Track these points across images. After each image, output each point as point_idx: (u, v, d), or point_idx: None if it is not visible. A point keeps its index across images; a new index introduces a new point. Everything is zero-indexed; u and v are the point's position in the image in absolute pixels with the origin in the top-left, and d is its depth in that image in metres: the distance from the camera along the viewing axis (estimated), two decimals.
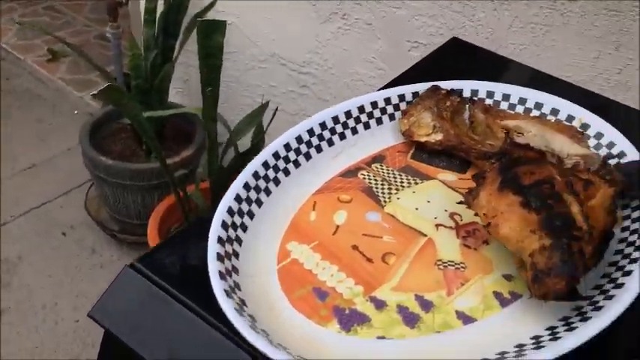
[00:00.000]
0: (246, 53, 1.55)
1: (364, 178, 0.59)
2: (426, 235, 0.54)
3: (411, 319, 0.47)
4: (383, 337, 0.46)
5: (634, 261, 0.50)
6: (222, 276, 0.46)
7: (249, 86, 1.60)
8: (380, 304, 0.48)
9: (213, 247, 0.47)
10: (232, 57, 1.56)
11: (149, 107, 1.38)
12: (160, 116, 1.40)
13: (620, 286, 0.48)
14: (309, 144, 0.59)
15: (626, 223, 0.55)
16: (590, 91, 0.82)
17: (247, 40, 1.53)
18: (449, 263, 0.52)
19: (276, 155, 0.57)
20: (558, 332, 0.46)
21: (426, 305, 0.49)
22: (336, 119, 0.61)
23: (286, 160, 0.57)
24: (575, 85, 0.83)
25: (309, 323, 0.47)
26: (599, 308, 0.47)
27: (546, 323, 0.47)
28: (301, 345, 0.45)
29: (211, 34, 1.17)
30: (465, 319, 0.48)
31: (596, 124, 0.64)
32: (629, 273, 0.49)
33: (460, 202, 0.55)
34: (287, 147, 0.58)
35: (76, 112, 2.01)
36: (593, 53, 1.09)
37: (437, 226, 0.55)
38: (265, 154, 0.56)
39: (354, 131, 0.62)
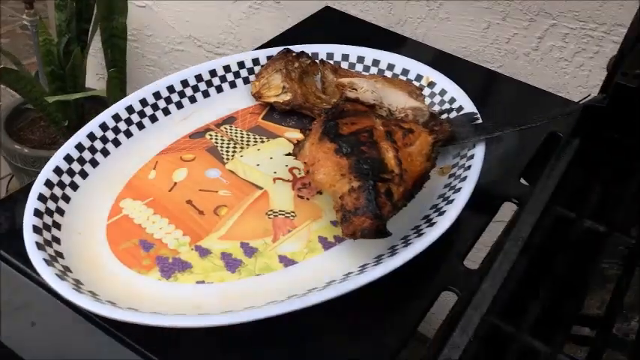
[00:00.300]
0: (162, 36, 1.55)
1: (211, 139, 0.61)
2: (262, 188, 0.56)
3: (232, 265, 0.50)
4: (202, 282, 0.48)
5: (450, 202, 0.53)
6: (37, 230, 0.48)
7: (169, 70, 1.61)
8: (204, 253, 0.50)
9: (32, 204, 0.48)
10: (150, 40, 1.56)
11: (65, 94, 1.38)
12: (78, 102, 1.40)
13: (433, 224, 0.51)
14: (154, 107, 0.61)
15: (455, 170, 0.58)
16: (461, 58, 0.85)
17: (163, 23, 1.53)
18: (279, 213, 0.54)
19: (116, 117, 0.58)
20: (367, 267, 0.49)
21: (250, 251, 0.51)
22: (185, 83, 0.63)
23: (128, 122, 0.59)
24: (446, 53, 0.86)
25: (131, 273, 0.48)
26: (408, 244, 0.50)
27: (360, 262, 0.50)
28: (124, 295, 0.47)
29: (112, 15, 1.17)
30: (287, 261, 0.50)
31: (442, 82, 0.67)
32: (443, 213, 0.52)
33: (288, 154, 0.58)
34: (129, 109, 0.59)
35: None
36: (484, 24, 1.12)
37: (275, 179, 0.57)
38: (103, 117, 0.57)
39: (206, 94, 0.64)
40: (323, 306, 0.46)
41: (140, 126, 0.59)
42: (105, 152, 0.56)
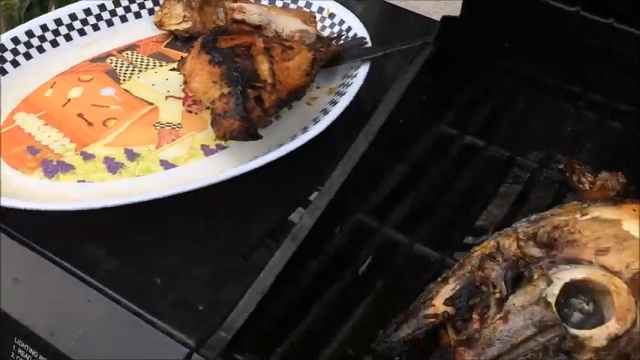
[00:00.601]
0: None
1: (111, 63, 0.64)
2: (152, 104, 0.60)
3: (114, 167, 0.53)
4: (83, 181, 0.52)
5: (327, 113, 0.57)
6: None
7: None
8: (88, 157, 0.54)
9: None
10: None
11: None
12: None
13: (307, 130, 0.55)
14: (55, 32, 0.64)
15: (339, 88, 0.62)
16: None
17: None
18: (166, 124, 0.58)
19: (15, 40, 0.61)
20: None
21: (133, 156, 0.54)
22: (88, 11, 0.66)
23: (28, 45, 0.62)
24: None
25: (15, 174, 0.52)
26: (280, 146, 0.53)
27: (236, 164, 0.54)
28: (10, 193, 0.50)
29: None
30: (167, 165, 0.54)
31: (341, 13, 0.70)
32: (318, 121, 0.56)
33: (173, 69, 0.61)
34: (29, 34, 0.62)
35: None
36: None
37: (167, 97, 0.61)
38: (3, 39, 0.60)
39: (110, 23, 0.67)
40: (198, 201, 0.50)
41: (40, 49, 0.62)
42: (2, 71, 0.60)
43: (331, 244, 0.51)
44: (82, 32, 0.65)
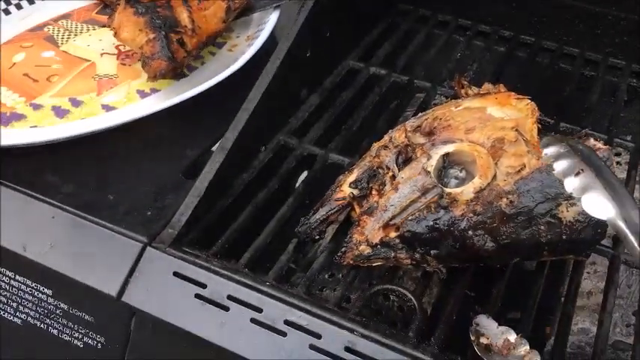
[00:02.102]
0: None
1: (48, 31, 0.71)
2: (90, 61, 0.67)
3: (61, 113, 0.60)
4: (35, 126, 0.59)
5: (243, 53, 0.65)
6: None
7: None
8: (37, 107, 0.61)
9: None
10: None
11: None
12: None
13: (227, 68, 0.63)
14: None
15: (255, 34, 0.70)
16: None
17: None
18: (104, 76, 0.65)
19: None
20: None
21: (77, 103, 0.62)
22: None
23: None
24: None
25: None
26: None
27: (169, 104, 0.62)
28: None
29: None
30: (108, 108, 0.61)
31: None
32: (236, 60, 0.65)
33: (103, 26, 0.69)
34: None
35: None
36: None
37: (102, 54, 0.68)
38: None
39: None
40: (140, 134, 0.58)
41: None
42: None
43: (258, 159, 0.60)
44: (19, 7, 0.72)
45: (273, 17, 0.70)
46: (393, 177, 0.52)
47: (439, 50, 0.78)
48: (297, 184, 0.66)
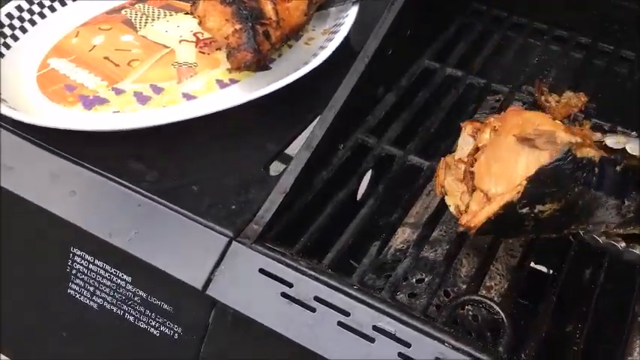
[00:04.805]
0: None
1: (126, 14, 0.71)
2: (169, 47, 0.67)
3: (143, 99, 0.60)
4: (118, 112, 0.59)
5: (323, 48, 0.65)
6: None
7: None
8: (119, 92, 0.61)
9: None
10: None
11: None
12: None
13: (307, 64, 0.63)
14: None
15: (333, 28, 0.70)
16: None
17: None
18: (184, 63, 0.65)
19: None
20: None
21: (158, 90, 0.61)
22: None
23: None
24: None
25: (58, 108, 0.59)
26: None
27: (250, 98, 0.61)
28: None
29: None
30: (189, 97, 0.61)
31: None
32: (316, 55, 0.64)
33: (186, 13, 0.68)
34: None
35: None
36: None
37: (180, 41, 0.68)
38: None
39: None
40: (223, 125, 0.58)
41: (62, 3, 0.69)
42: (32, 22, 0.66)
43: (337, 157, 0.59)
44: None
45: (352, 12, 0.68)
46: None
47: (515, 54, 0.76)
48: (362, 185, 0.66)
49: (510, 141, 0.45)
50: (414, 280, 0.61)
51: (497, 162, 0.46)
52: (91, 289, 0.55)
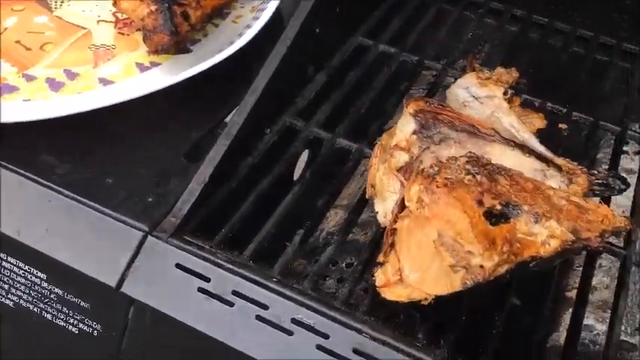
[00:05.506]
0: None
1: None
2: (86, 28, 0.63)
3: (55, 86, 0.57)
4: (28, 100, 0.56)
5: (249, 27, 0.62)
6: None
7: None
8: (30, 78, 0.58)
9: None
10: None
11: None
12: None
13: (232, 43, 0.60)
14: None
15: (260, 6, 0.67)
16: None
17: None
18: (101, 46, 0.62)
19: None
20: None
21: (72, 76, 0.58)
22: None
23: None
24: None
25: None
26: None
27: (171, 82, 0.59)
28: None
29: None
30: (105, 82, 0.58)
31: None
32: (242, 35, 0.61)
33: None
34: None
35: None
36: None
37: (98, 22, 0.64)
38: None
39: None
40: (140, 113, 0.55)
41: None
42: None
43: (263, 142, 0.58)
44: None
45: None
46: None
47: (450, 28, 0.75)
48: (297, 165, 0.65)
49: (431, 235, 0.43)
50: (344, 264, 0.60)
51: (415, 246, 0.43)
52: (6, 287, 0.53)
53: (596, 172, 0.52)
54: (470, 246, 0.41)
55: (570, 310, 0.58)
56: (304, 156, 0.65)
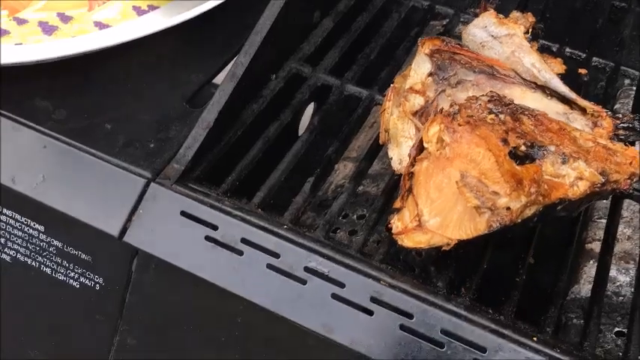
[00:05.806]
0: None
1: None
2: None
3: (49, 30, 0.54)
4: (20, 44, 0.53)
5: None
6: None
7: None
8: (22, 22, 0.55)
9: None
10: None
11: None
12: None
13: None
14: None
15: None
16: None
17: None
18: None
19: None
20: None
21: (66, 19, 0.55)
22: None
23: None
24: None
25: None
26: None
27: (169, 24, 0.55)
28: None
29: None
30: (101, 26, 0.55)
31: None
32: None
33: None
34: None
35: None
36: None
37: None
38: None
39: None
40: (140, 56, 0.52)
41: None
42: None
43: (269, 88, 0.55)
44: None
45: None
46: None
47: None
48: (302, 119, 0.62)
49: (453, 176, 0.40)
50: (355, 216, 0.58)
51: (435, 189, 0.41)
52: (2, 240, 0.50)
53: (620, 115, 0.50)
54: (496, 186, 0.38)
55: (591, 262, 0.57)
56: (309, 110, 0.63)
